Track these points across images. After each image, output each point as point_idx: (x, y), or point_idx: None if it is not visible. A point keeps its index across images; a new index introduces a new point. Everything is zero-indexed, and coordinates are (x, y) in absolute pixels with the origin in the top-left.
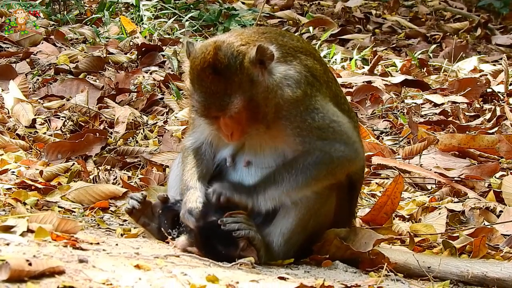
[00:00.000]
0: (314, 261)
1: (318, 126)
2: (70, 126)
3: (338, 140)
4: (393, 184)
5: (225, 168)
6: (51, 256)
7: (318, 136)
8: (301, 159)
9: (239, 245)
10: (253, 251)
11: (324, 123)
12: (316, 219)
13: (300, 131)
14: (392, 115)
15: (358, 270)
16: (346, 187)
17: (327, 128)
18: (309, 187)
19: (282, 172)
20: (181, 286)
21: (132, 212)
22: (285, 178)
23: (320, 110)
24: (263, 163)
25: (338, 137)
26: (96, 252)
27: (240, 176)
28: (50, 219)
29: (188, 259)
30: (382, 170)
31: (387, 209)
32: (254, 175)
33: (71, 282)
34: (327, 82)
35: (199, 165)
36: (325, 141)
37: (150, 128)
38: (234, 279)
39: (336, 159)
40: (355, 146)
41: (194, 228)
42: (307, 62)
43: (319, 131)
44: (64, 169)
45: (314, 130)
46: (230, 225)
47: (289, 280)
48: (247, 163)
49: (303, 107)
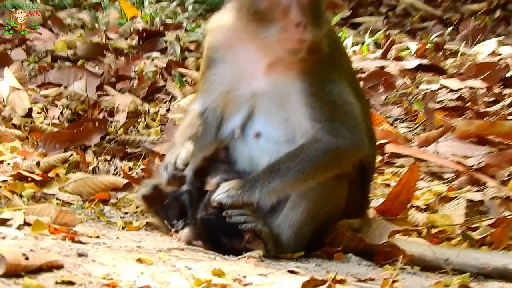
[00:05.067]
0: (326, 254)
1: (332, 102)
2: (68, 115)
3: (347, 124)
4: (408, 173)
5: (232, 144)
6: (49, 250)
7: (328, 114)
8: (306, 147)
9: (244, 237)
10: (260, 244)
11: (339, 101)
12: (327, 209)
13: (315, 100)
14: (406, 101)
15: (372, 263)
16: (358, 175)
17: (340, 108)
18: (314, 178)
19: (286, 161)
20: (185, 281)
21: (147, 198)
22: (290, 168)
23: (338, 85)
24: (274, 136)
25: (348, 121)
26: (96, 246)
27: (249, 150)
28: (47, 212)
29: (192, 252)
30: (397, 158)
31: (402, 199)
32: (264, 149)
33: (69, 277)
34: (348, 61)
35: (194, 127)
36: (333, 123)
37: (152, 116)
38: (241, 273)
39: (342, 147)
40: (362, 134)
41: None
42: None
43: (331, 108)
44: (62, 160)
45: (328, 105)
46: (236, 218)
47: (299, 273)
48: (257, 135)
49: (326, 71)
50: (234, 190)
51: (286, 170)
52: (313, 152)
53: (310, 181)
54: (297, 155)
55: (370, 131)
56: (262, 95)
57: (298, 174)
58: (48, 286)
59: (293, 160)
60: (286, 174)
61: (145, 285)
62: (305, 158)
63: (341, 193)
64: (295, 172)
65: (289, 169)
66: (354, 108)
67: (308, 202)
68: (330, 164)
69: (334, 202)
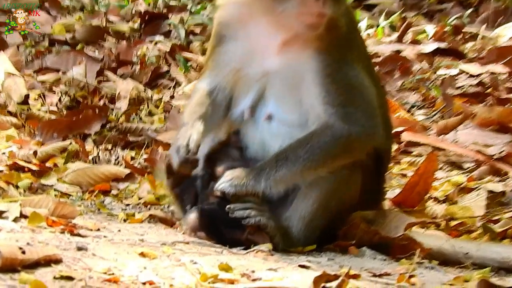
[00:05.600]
0: (339, 247)
1: (348, 85)
2: (66, 102)
3: (361, 110)
4: (426, 162)
5: (243, 128)
6: (46, 244)
7: (343, 98)
8: (317, 134)
9: (246, 229)
10: (264, 235)
11: (354, 84)
12: (340, 200)
13: (330, 82)
14: (424, 87)
15: (387, 257)
16: (373, 165)
17: (355, 92)
18: (325, 167)
19: (295, 149)
20: (191, 276)
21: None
22: (298, 156)
23: (355, 67)
24: (286, 119)
25: (362, 107)
26: (96, 239)
27: (260, 133)
28: (45, 204)
29: (198, 246)
30: (414, 147)
31: (420, 189)
32: (275, 133)
33: (68, 272)
34: (363, 43)
35: (203, 106)
36: (347, 108)
37: (155, 103)
38: (250, 268)
39: (355, 134)
40: (377, 121)
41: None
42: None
43: (346, 92)
44: (60, 149)
45: (343, 88)
46: (238, 213)
47: (310, 268)
48: (268, 117)
49: (343, 51)
50: (238, 179)
51: (295, 158)
52: (324, 139)
53: (320, 170)
54: (307, 142)
55: (385, 118)
56: (275, 74)
57: (307, 162)
58: (46, 281)
59: (302, 147)
60: (294, 162)
61: (148, 281)
62: (315, 145)
63: (354, 183)
64: (304, 160)
65: (297, 157)
66: (369, 93)
67: (320, 192)
68: (342, 152)
69: (347, 193)
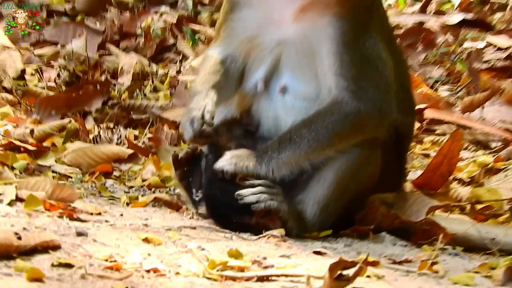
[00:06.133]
0: (356, 232)
1: (363, 56)
2: (65, 77)
3: (374, 85)
4: (450, 141)
5: (256, 101)
6: (44, 229)
7: (356, 71)
8: (324, 112)
9: (254, 212)
10: (274, 219)
11: (371, 56)
12: (358, 182)
13: (345, 51)
14: (448, 61)
15: (408, 243)
16: (393, 144)
17: (371, 64)
18: (332, 147)
19: (300, 128)
20: (198, 263)
21: (178, 161)
22: (303, 136)
23: (374, 37)
24: (301, 92)
25: (376, 81)
26: (97, 224)
27: (274, 107)
28: (42, 186)
29: (206, 231)
30: (437, 125)
31: (443, 171)
32: (290, 107)
33: (67, 259)
34: (385, 13)
35: (217, 75)
36: (360, 82)
37: (160, 79)
38: (261, 254)
39: (364, 111)
40: (390, 97)
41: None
42: None
43: (361, 64)
44: (58, 128)
45: (358, 59)
46: (248, 198)
47: (326, 255)
48: (283, 89)
49: (362, 20)
50: (238, 159)
51: (299, 139)
52: (331, 118)
53: (328, 151)
54: (312, 121)
55: (407, 94)
56: (290, 43)
57: (313, 143)
58: (43, 268)
59: (307, 127)
60: (298, 143)
61: (152, 268)
62: (321, 124)
63: (373, 164)
64: (309, 141)
65: (302, 138)
66: (385, 67)
67: (336, 173)
68: (351, 131)
69: (366, 174)
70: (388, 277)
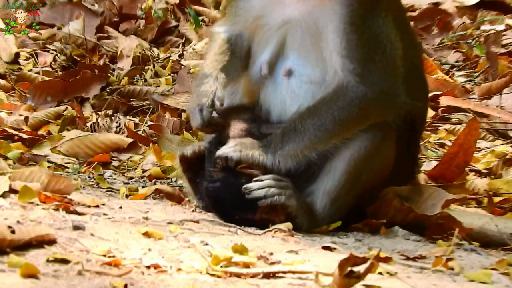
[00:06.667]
0: (368, 227)
1: (371, 37)
2: (62, 61)
3: (381, 68)
4: (467, 130)
5: (261, 84)
6: (39, 222)
7: (363, 52)
8: (328, 99)
9: (258, 207)
10: (280, 213)
11: (379, 36)
12: (370, 173)
13: (353, 31)
14: (465, 45)
15: (422, 238)
16: (405, 130)
17: (379, 46)
18: (338, 135)
19: (305, 117)
20: (201, 259)
21: (186, 160)
22: (308, 125)
23: (383, 17)
24: (307, 75)
25: (383, 64)
26: (94, 217)
27: (280, 91)
28: (37, 177)
29: (209, 225)
30: (453, 113)
31: (459, 161)
32: (296, 91)
33: (64, 254)
34: None
35: (225, 55)
36: (367, 64)
37: (162, 63)
38: (267, 250)
39: (371, 96)
40: (397, 81)
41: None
42: None
43: (368, 45)
44: (54, 115)
45: (365, 40)
46: (256, 193)
47: (336, 250)
48: (288, 72)
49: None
50: (242, 146)
51: (303, 129)
52: (336, 104)
53: (335, 139)
54: (316, 109)
55: (420, 78)
56: (295, 23)
57: (318, 132)
58: (38, 264)
59: (311, 116)
60: (303, 133)
61: (153, 264)
62: (327, 111)
63: (387, 153)
64: (315, 130)
65: (307, 128)
66: (394, 49)
67: (347, 164)
68: (357, 117)
69: (378, 164)
70: (401, 274)
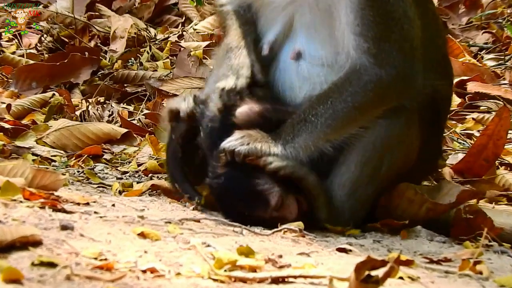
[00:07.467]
0: (387, 226)
1: (386, 13)
2: (48, 43)
3: (397, 48)
4: (497, 119)
5: (268, 70)
6: (23, 221)
7: (378, 30)
8: (340, 84)
9: (270, 202)
10: (292, 209)
11: (395, 12)
12: (391, 162)
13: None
14: (495, 24)
15: (447, 238)
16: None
17: (394, 23)
18: (353, 122)
19: (316, 106)
20: (203, 262)
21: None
22: (320, 114)
23: None
24: (317, 57)
25: (399, 43)
26: (84, 216)
27: (288, 75)
28: (21, 171)
29: (212, 224)
30: (481, 101)
31: (488, 154)
32: (306, 75)
33: (50, 257)
34: None
35: (245, 25)
36: (382, 43)
37: (159, 45)
38: (276, 252)
39: (385, 79)
40: (414, 61)
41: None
42: None
43: (383, 22)
44: (40, 102)
45: (380, 16)
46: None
47: (352, 252)
48: (297, 55)
49: None
50: (250, 138)
51: (315, 118)
52: (349, 89)
53: (350, 127)
54: (329, 95)
55: (443, 62)
56: (304, 0)
57: (331, 121)
58: (22, 268)
59: (323, 103)
60: (314, 123)
61: (149, 268)
62: (339, 98)
63: (409, 143)
64: (327, 119)
65: (318, 117)
66: (412, 27)
67: (363, 155)
68: (372, 103)
69: (400, 155)
70: (424, 279)
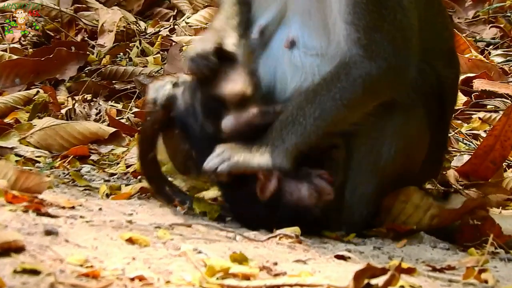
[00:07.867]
0: (393, 231)
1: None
2: (33, 37)
3: (389, 38)
4: (504, 119)
5: (258, 58)
6: (5, 226)
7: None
8: (329, 78)
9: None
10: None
11: (388, 1)
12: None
13: None
14: (503, 19)
15: (451, 245)
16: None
17: (388, 11)
18: (344, 120)
19: (304, 105)
20: (194, 269)
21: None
22: (308, 113)
23: None
24: (311, 46)
25: (392, 34)
26: (70, 220)
27: (280, 64)
28: (4, 173)
29: (203, 230)
30: (488, 99)
31: (495, 156)
32: (300, 65)
33: (33, 264)
34: None
35: (237, 5)
36: (373, 34)
37: (149, 39)
38: (271, 259)
39: (376, 73)
40: (407, 53)
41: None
42: None
43: (376, 9)
44: (24, 100)
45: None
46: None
47: (351, 260)
48: (291, 44)
49: None
50: (233, 152)
51: (303, 119)
52: (338, 85)
53: (341, 125)
54: (317, 93)
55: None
56: None
57: (320, 121)
58: (3, 276)
59: (311, 101)
60: (303, 124)
61: (137, 276)
62: (328, 95)
63: (415, 139)
64: (316, 119)
65: (307, 118)
66: (406, 17)
67: (365, 151)
68: (363, 98)
69: (408, 152)
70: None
